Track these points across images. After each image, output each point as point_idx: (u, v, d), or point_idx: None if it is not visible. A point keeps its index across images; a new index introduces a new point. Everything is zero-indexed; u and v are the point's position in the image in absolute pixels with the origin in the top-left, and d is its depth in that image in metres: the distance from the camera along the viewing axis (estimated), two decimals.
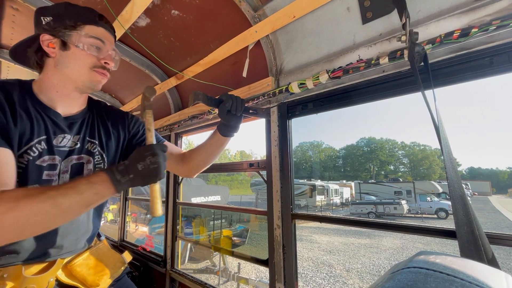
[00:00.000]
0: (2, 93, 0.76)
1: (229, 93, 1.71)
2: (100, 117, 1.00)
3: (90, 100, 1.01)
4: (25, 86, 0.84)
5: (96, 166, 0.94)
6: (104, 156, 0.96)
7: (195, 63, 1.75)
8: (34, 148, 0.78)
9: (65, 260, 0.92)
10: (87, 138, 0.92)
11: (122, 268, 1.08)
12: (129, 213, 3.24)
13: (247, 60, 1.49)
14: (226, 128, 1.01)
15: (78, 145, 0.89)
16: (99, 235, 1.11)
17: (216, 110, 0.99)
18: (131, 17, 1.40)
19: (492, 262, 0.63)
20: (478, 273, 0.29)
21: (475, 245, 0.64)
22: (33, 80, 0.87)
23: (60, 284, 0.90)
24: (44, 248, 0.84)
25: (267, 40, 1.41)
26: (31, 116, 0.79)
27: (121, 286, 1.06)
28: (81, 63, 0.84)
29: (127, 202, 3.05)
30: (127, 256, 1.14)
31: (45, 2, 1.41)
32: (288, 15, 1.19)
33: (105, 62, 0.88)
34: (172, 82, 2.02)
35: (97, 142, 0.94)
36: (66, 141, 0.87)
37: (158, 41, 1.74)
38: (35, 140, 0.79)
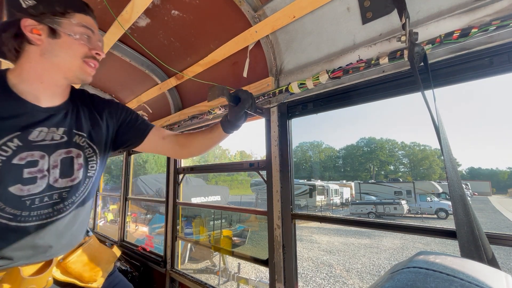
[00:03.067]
0: None
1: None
2: (86, 107, 0.95)
3: (72, 89, 0.95)
4: None
5: (89, 160, 0.90)
6: (95, 148, 0.93)
7: (195, 63, 1.75)
8: (4, 147, 0.74)
9: (59, 258, 0.90)
10: (74, 130, 0.88)
11: (114, 262, 1.09)
12: (129, 213, 3.24)
13: (247, 60, 1.50)
14: (231, 126, 0.99)
15: (65, 138, 0.85)
16: (87, 231, 1.10)
17: (217, 110, 0.99)
18: (131, 17, 1.40)
19: (492, 262, 0.63)
20: (478, 273, 0.29)
21: (475, 245, 0.64)
22: (8, 69, 0.81)
23: (56, 282, 0.89)
24: (40, 248, 0.82)
25: (267, 40, 1.41)
26: None
27: (114, 280, 1.07)
28: (73, 53, 0.80)
29: (127, 202, 3.04)
30: (116, 251, 1.14)
31: None
32: (288, 15, 1.19)
33: (96, 53, 0.85)
34: (172, 82, 2.02)
35: (85, 134, 0.90)
36: (44, 134, 0.81)
37: (158, 41, 1.74)
38: (5, 138, 0.74)
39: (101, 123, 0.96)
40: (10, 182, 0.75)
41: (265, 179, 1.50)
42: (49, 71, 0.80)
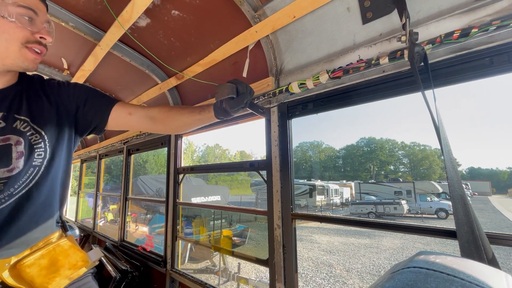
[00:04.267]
0: None
1: None
2: (32, 90, 0.85)
3: (22, 75, 0.87)
4: None
5: (35, 146, 0.80)
6: (42, 133, 0.82)
7: (195, 63, 1.75)
8: None
9: (12, 260, 0.78)
10: (14, 115, 0.78)
11: (84, 268, 0.92)
12: (129, 213, 3.24)
13: (247, 60, 1.50)
14: (224, 113, 0.93)
15: (3, 124, 0.76)
16: (65, 228, 0.97)
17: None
18: (131, 17, 1.40)
19: (492, 262, 0.63)
20: (478, 273, 0.29)
21: (475, 245, 0.64)
22: None
23: (5, 287, 0.77)
24: None
25: (267, 40, 1.41)
26: None
27: None
28: (9, 37, 0.71)
29: (127, 202, 3.05)
30: (94, 255, 0.98)
31: None
32: (288, 15, 1.19)
33: (40, 37, 0.76)
34: (172, 82, 2.02)
35: (28, 119, 0.80)
36: None
37: (158, 41, 1.74)
38: None
39: (49, 106, 0.86)
40: None
41: (265, 179, 1.50)
42: None
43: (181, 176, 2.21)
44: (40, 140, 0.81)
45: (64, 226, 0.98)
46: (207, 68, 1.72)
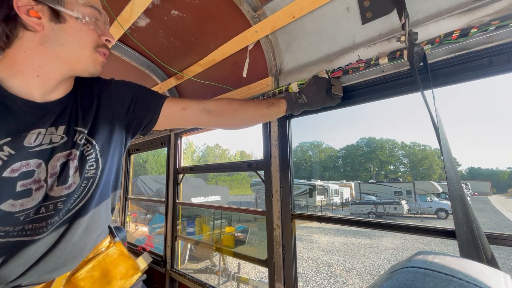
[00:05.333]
0: None
1: (229, 93, 1.71)
2: (86, 96, 0.79)
3: (77, 80, 0.80)
4: None
5: (88, 158, 0.74)
6: (94, 143, 0.76)
7: (195, 63, 1.75)
8: None
9: (68, 274, 0.75)
10: (74, 127, 0.73)
11: (136, 276, 0.89)
12: (129, 213, 3.24)
13: (247, 60, 1.50)
14: (299, 109, 0.89)
15: (65, 139, 0.70)
16: (113, 234, 0.92)
17: None
18: (130, 17, 1.40)
19: (491, 262, 0.63)
20: (477, 273, 0.29)
21: (474, 245, 0.64)
22: None
23: None
24: (37, 268, 0.67)
25: (266, 40, 1.41)
26: None
27: None
28: (82, 41, 0.66)
29: (127, 202, 3.05)
30: (143, 260, 0.96)
31: None
32: (288, 15, 1.19)
33: (106, 39, 0.72)
34: (172, 82, 2.02)
35: (85, 130, 0.75)
36: (42, 137, 0.67)
37: (158, 41, 1.74)
38: None
39: (100, 111, 0.80)
40: (2, 199, 0.61)
41: (263, 178, 1.50)
42: (51, 63, 0.66)
43: (180, 176, 2.21)
44: (91, 151, 0.75)
45: (112, 232, 0.94)
46: (206, 68, 1.72)
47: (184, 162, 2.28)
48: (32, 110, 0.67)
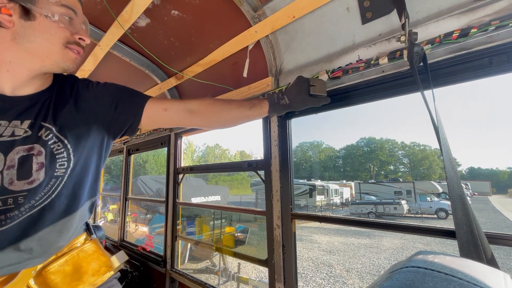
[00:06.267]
0: None
1: (229, 93, 1.71)
2: (61, 95, 0.80)
3: (56, 78, 0.82)
4: None
5: (57, 157, 0.75)
6: (65, 142, 0.76)
7: (195, 63, 1.75)
8: None
9: (38, 267, 0.75)
10: (41, 123, 0.74)
11: (108, 273, 0.89)
12: (129, 213, 3.24)
13: (247, 60, 1.50)
14: (282, 110, 0.89)
15: (29, 133, 0.71)
16: (90, 231, 0.93)
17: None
18: (131, 17, 1.40)
19: (491, 262, 0.63)
20: (477, 272, 0.29)
21: (474, 245, 0.64)
22: None
23: None
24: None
25: (266, 40, 1.41)
26: None
27: None
28: (51, 37, 0.69)
29: (127, 202, 3.05)
30: (117, 259, 0.94)
31: None
32: (288, 15, 1.19)
33: (79, 38, 0.75)
34: (172, 82, 2.02)
35: (54, 127, 0.75)
36: (3, 129, 0.69)
37: (158, 41, 1.74)
38: None
39: (76, 112, 0.80)
40: None
41: (263, 178, 1.50)
42: (21, 58, 0.69)
43: (181, 176, 2.21)
44: (62, 150, 0.76)
45: (89, 229, 0.94)
46: (207, 68, 1.72)
47: (184, 162, 2.28)
48: (2, 101, 0.70)
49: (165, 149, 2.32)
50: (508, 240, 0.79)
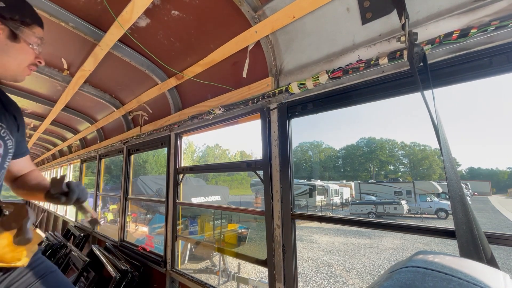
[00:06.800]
0: None
1: (229, 93, 1.71)
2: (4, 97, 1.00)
3: None
4: None
5: (9, 151, 0.94)
6: (13, 142, 0.96)
7: (195, 63, 1.75)
8: None
9: None
10: None
11: (38, 242, 1.10)
12: (129, 213, 3.24)
13: (247, 61, 1.50)
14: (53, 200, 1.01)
15: None
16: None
17: (217, 110, 0.96)
18: (131, 17, 1.40)
19: (491, 261, 0.63)
20: (476, 272, 0.29)
21: (474, 245, 0.64)
22: None
23: None
24: None
25: (267, 41, 1.41)
26: None
27: (38, 260, 1.09)
28: (24, 58, 0.89)
29: (127, 202, 3.05)
30: (40, 233, 1.12)
31: None
32: (288, 15, 1.19)
33: (38, 61, 0.94)
34: (172, 82, 2.02)
35: (4, 125, 0.93)
36: None
37: (158, 41, 1.75)
38: None
39: (13, 119, 0.99)
40: None
41: (262, 178, 1.50)
42: None
43: (181, 176, 2.21)
44: (12, 147, 0.95)
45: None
46: (207, 68, 1.72)
47: (184, 162, 2.28)
48: None
49: (165, 149, 2.32)
50: (508, 240, 0.79)
